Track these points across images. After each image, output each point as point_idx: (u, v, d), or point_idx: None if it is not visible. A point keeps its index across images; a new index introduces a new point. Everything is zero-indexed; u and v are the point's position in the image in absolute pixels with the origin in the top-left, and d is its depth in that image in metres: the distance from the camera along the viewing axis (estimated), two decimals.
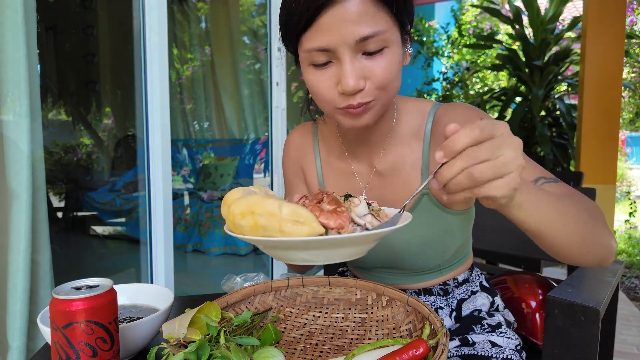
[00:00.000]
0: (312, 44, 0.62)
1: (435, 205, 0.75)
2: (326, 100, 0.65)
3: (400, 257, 0.79)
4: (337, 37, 0.60)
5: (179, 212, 3.69)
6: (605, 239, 0.60)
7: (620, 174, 6.30)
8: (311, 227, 0.47)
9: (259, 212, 0.48)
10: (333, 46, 0.60)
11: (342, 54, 0.61)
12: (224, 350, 0.49)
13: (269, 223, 0.47)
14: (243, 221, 0.49)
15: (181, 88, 4.32)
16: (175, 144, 4.24)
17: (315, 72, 0.65)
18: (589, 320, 0.66)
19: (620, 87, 2.99)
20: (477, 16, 5.62)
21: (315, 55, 0.62)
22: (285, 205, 0.48)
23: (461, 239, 0.81)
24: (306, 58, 0.64)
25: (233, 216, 0.50)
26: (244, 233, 0.50)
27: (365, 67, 0.62)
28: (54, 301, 0.52)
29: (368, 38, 0.60)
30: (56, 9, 3.85)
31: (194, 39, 4.27)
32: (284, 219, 0.47)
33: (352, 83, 0.60)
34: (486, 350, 0.73)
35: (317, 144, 0.87)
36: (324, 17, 0.59)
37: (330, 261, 0.52)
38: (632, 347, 2.21)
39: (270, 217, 0.47)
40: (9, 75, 0.99)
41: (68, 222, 3.78)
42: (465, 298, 0.84)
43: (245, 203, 0.50)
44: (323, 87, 0.64)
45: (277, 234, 0.47)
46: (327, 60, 0.63)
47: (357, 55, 0.61)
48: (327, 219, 0.50)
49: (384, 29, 0.61)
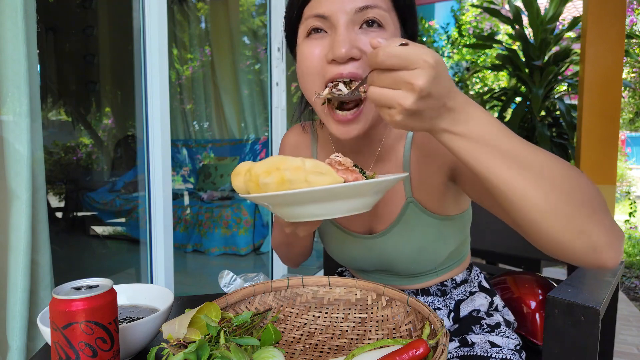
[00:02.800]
0: (311, 11, 0.63)
1: (422, 212, 0.74)
2: (315, 73, 0.64)
3: (392, 263, 0.78)
4: (336, 4, 0.61)
5: (179, 212, 3.69)
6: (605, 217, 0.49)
7: (620, 174, 6.30)
8: (332, 177, 0.51)
9: (284, 167, 0.50)
10: (330, 13, 0.61)
11: (338, 21, 0.61)
12: (224, 350, 0.49)
13: (294, 176, 0.50)
14: (268, 178, 0.51)
15: (181, 88, 4.32)
16: (175, 144, 4.24)
17: (309, 43, 0.64)
18: (589, 320, 0.66)
19: (620, 87, 2.99)
20: (477, 16, 5.62)
21: (312, 22, 0.63)
22: (306, 159, 0.52)
23: (455, 243, 0.79)
24: (303, 30, 0.65)
25: (256, 176, 0.52)
26: (268, 190, 0.52)
27: (360, 40, 0.62)
28: (54, 301, 0.52)
29: (367, 8, 0.60)
30: (56, 9, 3.85)
31: (194, 39, 4.26)
32: (308, 171, 0.50)
33: (344, 49, 0.59)
34: (485, 350, 0.72)
35: (315, 147, 0.86)
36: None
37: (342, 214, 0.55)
38: (632, 347, 2.21)
39: (295, 170, 0.50)
40: (9, 75, 0.99)
41: (68, 222, 3.78)
42: (463, 299, 0.83)
43: (268, 161, 0.52)
44: (314, 56, 0.64)
45: (303, 184, 0.50)
46: (321, 28, 0.63)
47: (353, 27, 0.62)
48: (345, 174, 0.54)
49: (383, 6, 0.62)
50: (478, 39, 4.53)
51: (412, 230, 0.74)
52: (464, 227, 0.81)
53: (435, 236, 0.75)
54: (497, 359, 0.71)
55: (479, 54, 5.42)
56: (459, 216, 0.78)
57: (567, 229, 0.47)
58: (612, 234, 0.49)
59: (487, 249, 1.24)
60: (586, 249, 0.48)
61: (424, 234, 0.75)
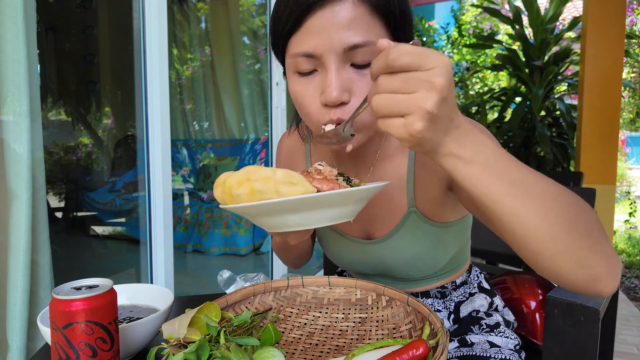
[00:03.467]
0: (299, 48, 0.57)
1: (423, 221, 0.72)
2: (310, 114, 0.61)
3: (392, 269, 0.78)
4: (324, 41, 0.55)
5: (179, 212, 3.69)
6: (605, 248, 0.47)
7: (620, 174, 6.30)
8: (304, 187, 0.49)
9: (254, 178, 0.49)
10: (319, 52, 0.56)
11: (328, 61, 0.56)
12: (224, 350, 0.49)
13: (264, 187, 0.49)
14: (240, 189, 0.50)
15: (181, 88, 4.32)
16: (175, 144, 4.23)
17: (300, 81, 0.61)
18: (589, 320, 0.66)
19: (620, 87, 2.99)
20: (477, 16, 5.62)
21: (301, 62, 0.58)
22: (278, 169, 0.50)
23: (455, 248, 0.78)
24: (292, 64, 0.60)
25: (229, 187, 0.51)
26: (240, 201, 0.51)
27: (351, 80, 0.57)
28: (53, 301, 0.52)
29: (358, 47, 0.55)
30: (56, 9, 3.85)
31: (194, 39, 4.26)
32: (279, 181, 0.49)
33: (335, 93, 0.56)
34: (484, 350, 0.72)
35: (309, 150, 0.84)
36: (312, 20, 0.56)
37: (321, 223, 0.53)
38: (632, 347, 2.21)
39: (265, 181, 0.49)
40: (9, 75, 0.99)
41: (68, 222, 3.78)
42: (463, 300, 0.83)
43: (240, 173, 0.51)
44: (307, 97, 0.60)
45: (273, 195, 0.49)
46: (312, 69, 0.59)
47: (345, 65, 0.57)
48: (320, 184, 0.52)
49: (374, 38, 0.56)
50: (478, 39, 4.54)
51: (411, 237, 0.73)
52: (464, 231, 0.80)
53: (435, 243, 0.74)
54: (497, 359, 0.71)
55: (479, 54, 5.42)
56: (459, 221, 0.77)
57: (568, 260, 0.45)
58: (612, 263, 0.47)
59: (487, 249, 1.24)
60: (586, 280, 0.47)
61: (424, 241, 0.74)
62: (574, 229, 0.45)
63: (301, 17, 0.56)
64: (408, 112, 0.40)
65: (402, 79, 0.40)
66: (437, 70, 0.39)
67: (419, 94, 0.39)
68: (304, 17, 0.56)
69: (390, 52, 0.40)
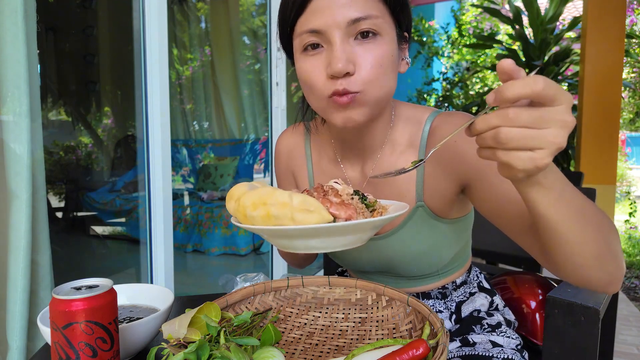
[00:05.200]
0: (305, 26, 0.62)
1: (430, 216, 0.74)
2: (317, 88, 0.64)
3: (394, 264, 0.78)
4: (329, 18, 0.60)
5: (179, 212, 3.69)
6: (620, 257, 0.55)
7: (620, 174, 6.30)
8: (321, 215, 0.49)
9: (270, 202, 0.49)
10: (324, 28, 0.60)
11: (333, 36, 0.60)
12: (224, 350, 0.49)
13: (281, 212, 0.49)
14: (255, 212, 0.50)
15: (181, 88, 4.32)
16: (175, 144, 4.24)
17: (306, 59, 0.64)
18: (589, 320, 0.66)
19: (620, 87, 2.99)
20: (477, 16, 5.61)
21: (307, 38, 0.62)
22: (295, 195, 0.50)
23: (458, 246, 0.79)
24: (299, 44, 0.64)
25: (244, 208, 0.51)
26: (255, 224, 0.51)
27: (356, 53, 0.61)
28: (53, 301, 0.52)
29: (360, 20, 0.60)
30: (56, 9, 3.85)
31: (194, 39, 4.27)
32: (295, 208, 0.49)
33: (340, 65, 0.59)
34: (487, 350, 0.72)
35: (308, 147, 0.85)
36: (316, 1, 0.61)
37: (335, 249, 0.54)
38: (632, 347, 2.21)
39: (282, 206, 0.49)
40: (9, 75, 0.99)
41: (68, 222, 3.78)
42: (463, 300, 0.83)
43: (256, 194, 0.51)
44: (314, 72, 0.63)
45: (289, 222, 0.49)
46: (318, 43, 0.62)
47: (348, 39, 0.61)
48: (338, 210, 0.52)
49: (377, 14, 0.61)
50: (478, 39, 4.53)
51: (417, 233, 0.74)
52: (466, 228, 0.81)
53: (441, 239, 0.75)
54: (499, 358, 0.71)
55: (479, 54, 5.42)
56: (463, 218, 0.78)
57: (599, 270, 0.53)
58: (623, 270, 0.56)
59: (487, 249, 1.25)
60: (604, 283, 0.55)
61: (429, 237, 0.75)
62: (606, 247, 0.52)
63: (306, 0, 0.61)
64: (540, 147, 0.41)
65: (538, 116, 0.40)
66: (568, 107, 0.41)
67: (553, 130, 0.40)
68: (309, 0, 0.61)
69: (538, 81, 0.39)
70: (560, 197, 0.47)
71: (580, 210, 0.49)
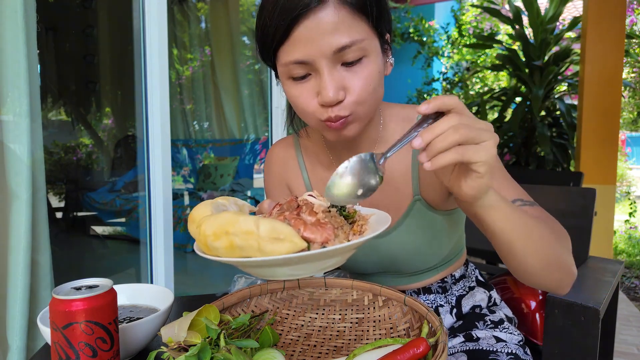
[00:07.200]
0: (290, 57, 0.59)
1: (427, 208, 0.75)
2: (308, 113, 0.63)
3: (397, 261, 0.79)
4: (314, 48, 0.58)
5: (179, 212, 3.68)
6: (568, 265, 0.62)
7: (620, 174, 6.29)
8: (292, 243, 0.43)
9: (233, 232, 0.43)
10: (311, 58, 0.58)
11: (320, 65, 0.59)
12: (225, 352, 0.49)
13: (246, 243, 0.43)
14: (217, 242, 0.45)
15: (181, 88, 4.32)
16: (175, 144, 4.24)
17: (295, 86, 0.63)
18: (589, 320, 0.66)
19: (620, 87, 2.99)
20: (477, 16, 5.61)
21: (293, 69, 0.60)
22: (262, 221, 0.44)
23: (456, 236, 0.81)
24: (285, 72, 0.62)
25: (205, 237, 0.46)
26: (218, 255, 0.46)
27: (344, 78, 0.60)
28: (54, 301, 0.52)
29: (345, 48, 0.58)
30: (56, 9, 3.85)
31: (194, 39, 4.26)
32: (262, 237, 0.43)
33: (331, 94, 0.58)
34: (491, 345, 0.73)
35: (300, 157, 0.84)
36: (299, 30, 0.57)
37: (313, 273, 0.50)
38: (632, 347, 2.21)
39: (247, 236, 0.43)
40: (9, 75, 0.99)
41: (68, 222, 3.78)
42: (463, 294, 0.84)
43: (217, 222, 0.45)
44: (304, 100, 0.62)
45: (256, 253, 0.43)
46: (305, 73, 0.61)
47: (335, 66, 0.59)
48: (313, 233, 0.47)
49: (362, 38, 0.59)
50: (478, 39, 4.53)
51: (417, 227, 0.75)
52: (462, 219, 0.83)
53: (439, 230, 0.77)
54: (503, 353, 0.71)
55: (479, 54, 5.41)
56: (457, 209, 0.79)
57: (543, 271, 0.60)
58: (573, 275, 0.63)
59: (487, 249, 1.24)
60: (554, 287, 0.65)
61: (429, 229, 0.76)
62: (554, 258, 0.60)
63: (288, 29, 0.58)
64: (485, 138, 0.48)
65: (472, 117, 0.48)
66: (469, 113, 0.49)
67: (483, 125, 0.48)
68: (291, 29, 0.58)
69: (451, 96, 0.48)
70: (505, 217, 0.55)
71: (524, 228, 0.57)
